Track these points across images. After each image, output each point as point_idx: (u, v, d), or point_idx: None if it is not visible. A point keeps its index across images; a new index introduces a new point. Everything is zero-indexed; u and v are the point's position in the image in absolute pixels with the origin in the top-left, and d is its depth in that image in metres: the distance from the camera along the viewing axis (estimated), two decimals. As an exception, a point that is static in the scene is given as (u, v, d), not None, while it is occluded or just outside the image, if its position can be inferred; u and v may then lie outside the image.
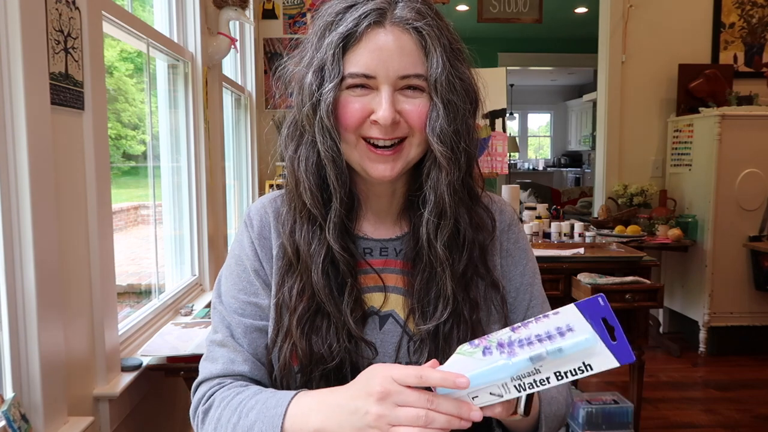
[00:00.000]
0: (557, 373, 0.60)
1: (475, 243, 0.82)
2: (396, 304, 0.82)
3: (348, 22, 0.74)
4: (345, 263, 0.79)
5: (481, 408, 0.63)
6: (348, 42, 0.74)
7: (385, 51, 0.73)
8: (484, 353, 0.62)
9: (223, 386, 0.82)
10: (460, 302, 0.80)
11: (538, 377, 0.61)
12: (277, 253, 0.84)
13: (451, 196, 0.77)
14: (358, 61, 0.74)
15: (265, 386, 0.83)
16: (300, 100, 0.78)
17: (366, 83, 0.74)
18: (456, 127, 0.76)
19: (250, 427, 0.74)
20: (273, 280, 0.84)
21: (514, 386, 0.62)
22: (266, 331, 0.84)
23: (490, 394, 0.63)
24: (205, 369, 0.85)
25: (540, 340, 0.60)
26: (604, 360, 0.58)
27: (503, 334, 0.62)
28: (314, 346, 0.78)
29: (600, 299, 0.58)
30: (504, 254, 0.88)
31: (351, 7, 0.75)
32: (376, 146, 0.76)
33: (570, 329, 0.59)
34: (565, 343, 0.59)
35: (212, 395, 0.81)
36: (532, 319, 0.61)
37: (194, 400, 0.84)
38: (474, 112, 0.80)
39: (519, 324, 0.62)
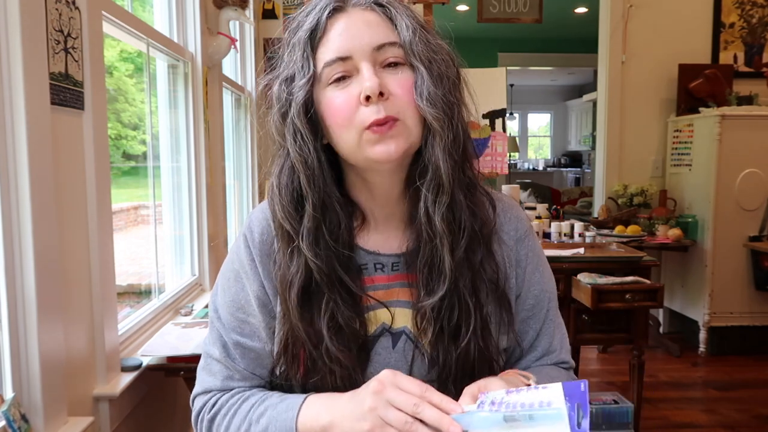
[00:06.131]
0: None
1: (474, 229, 0.78)
2: (405, 318, 0.80)
3: (311, 19, 0.74)
4: (347, 273, 0.77)
5: None
6: (315, 37, 0.74)
7: (352, 29, 0.73)
8: (478, 406, 0.65)
9: (226, 393, 0.83)
10: (474, 317, 0.77)
11: None
12: None
13: (446, 162, 0.73)
14: (328, 49, 0.73)
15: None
16: (271, 114, 0.76)
17: (345, 69, 0.72)
18: (444, 91, 0.73)
19: None
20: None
21: None
22: (262, 352, 0.82)
23: None
24: (204, 381, 0.85)
25: (522, 407, 0.63)
26: None
27: (499, 393, 0.65)
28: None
29: (582, 384, 0.61)
30: (518, 264, 0.87)
31: (310, 10, 0.76)
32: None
33: (549, 404, 0.62)
34: (538, 412, 0.61)
35: (216, 402, 0.82)
36: (526, 388, 0.65)
37: (195, 408, 0.85)
38: (458, 82, 0.77)
39: (514, 389, 0.65)
